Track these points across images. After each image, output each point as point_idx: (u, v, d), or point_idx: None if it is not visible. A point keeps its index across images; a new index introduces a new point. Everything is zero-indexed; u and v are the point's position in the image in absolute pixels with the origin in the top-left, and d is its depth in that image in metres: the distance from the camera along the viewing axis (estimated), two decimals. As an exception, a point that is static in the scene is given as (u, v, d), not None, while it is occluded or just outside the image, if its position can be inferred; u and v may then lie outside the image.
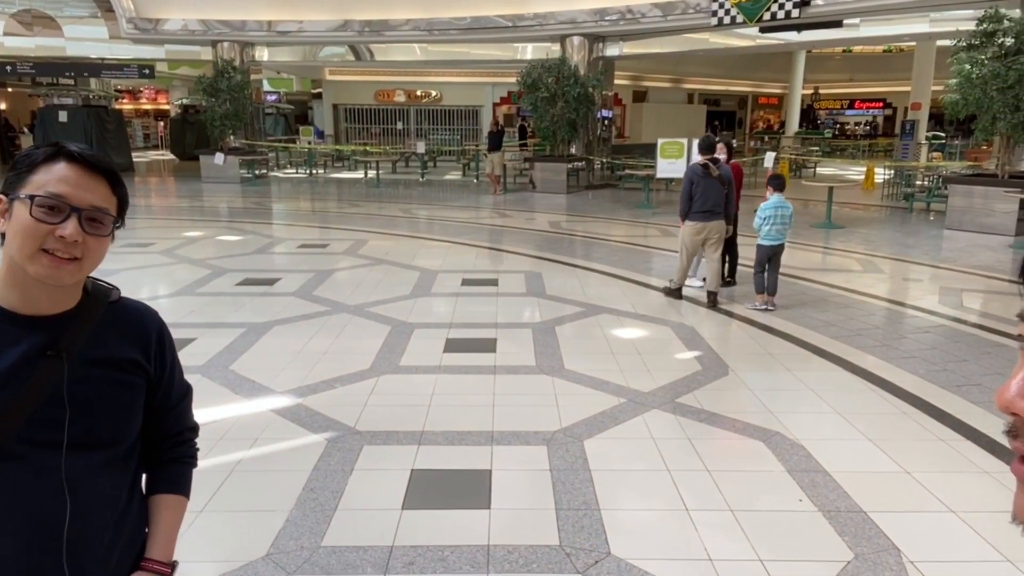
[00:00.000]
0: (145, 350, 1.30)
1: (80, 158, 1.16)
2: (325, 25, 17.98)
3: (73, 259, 1.14)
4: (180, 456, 1.42)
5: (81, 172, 1.16)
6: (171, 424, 1.40)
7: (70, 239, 1.12)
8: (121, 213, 1.23)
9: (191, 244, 9.75)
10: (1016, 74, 9.92)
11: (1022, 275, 0.59)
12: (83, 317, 1.22)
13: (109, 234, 1.19)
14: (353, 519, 3.08)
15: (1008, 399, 0.54)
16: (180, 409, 1.41)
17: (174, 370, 1.38)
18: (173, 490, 1.39)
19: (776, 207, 6.56)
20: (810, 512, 3.17)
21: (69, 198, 1.13)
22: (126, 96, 33.58)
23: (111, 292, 1.29)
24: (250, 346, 5.38)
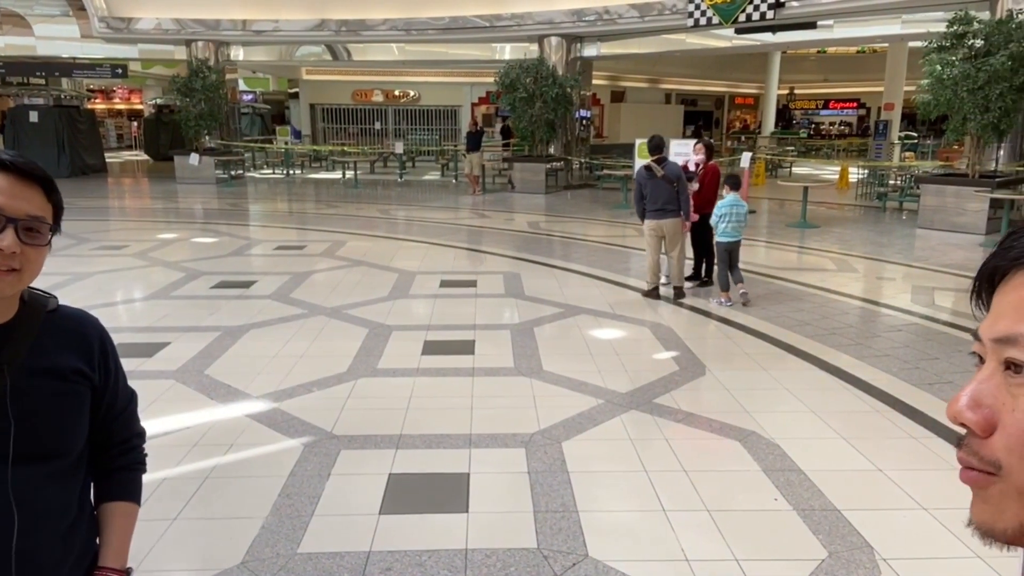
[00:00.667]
0: (88, 358, 1.28)
1: (12, 166, 1.13)
2: (301, 24, 17.84)
3: (12, 270, 1.12)
4: (129, 463, 1.40)
5: (14, 181, 1.13)
6: (118, 431, 1.37)
7: (8, 251, 1.10)
8: (57, 220, 1.20)
9: (165, 246, 9.63)
10: (985, 75, 10.09)
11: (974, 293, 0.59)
12: (22, 328, 1.19)
13: (47, 243, 1.17)
14: (330, 525, 3.06)
15: (956, 410, 0.55)
16: (126, 415, 1.39)
17: (118, 376, 1.36)
18: (124, 497, 1.37)
19: (732, 205, 6.76)
20: (785, 511, 3.20)
21: (4, 209, 1.11)
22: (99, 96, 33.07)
23: (49, 301, 1.27)
24: (225, 350, 5.33)
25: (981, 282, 0.58)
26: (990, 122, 10.38)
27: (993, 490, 0.53)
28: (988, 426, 0.53)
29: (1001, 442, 0.52)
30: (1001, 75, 10.04)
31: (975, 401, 0.54)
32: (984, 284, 0.57)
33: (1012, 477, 0.51)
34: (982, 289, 0.58)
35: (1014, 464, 0.51)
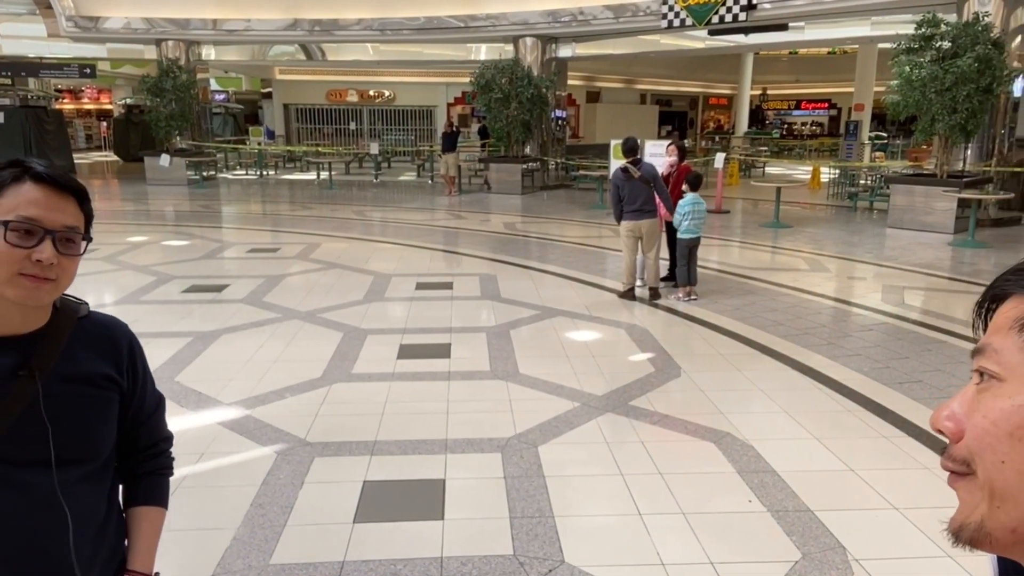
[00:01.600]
0: (117, 364, 1.31)
1: (48, 178, 1.17)
2: (274, 24, 17.66)
3: (49, 280, 1.15)
4: (156, 468, 1.42)
5: (50, 192, 1.16)
6: (145, 436, 1.40)
7: (47, 262, 1.13)
8: (88, 228, 1.24)
9: (135, 250, 9.47)
10: (953, 77, 10.27)
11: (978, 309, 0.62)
12: (54, 335, 1.23)
13: (82, 252, 1.21)
14: (303, 535, 3.02)
15: (936, 418, 0.60)
16: (154, 420, 1.41)
17: (146, 382, 1.38)
18: (151, 502, 1.40)
19: (692, 204, 6.98)
20: (759, 512, 3.22)
21: (42, 221, 1.14)
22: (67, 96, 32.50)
23: (80, 307, 1.31)
24: (196, 356, 5.25)
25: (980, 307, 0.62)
26: (957, 123, 10.57)
27: (966, 487, 0.57)
28: (958, 431, 0.57)
29: (964, 441, 0.57)
30: (968, 76, 10.23)
31: (952, 411, 0.59)
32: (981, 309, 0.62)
33: (977, 473, 0.56)
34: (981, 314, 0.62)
35: (974, 459, 0.56)
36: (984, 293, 0.62)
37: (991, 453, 0.54)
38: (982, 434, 0.55)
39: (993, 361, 0.56)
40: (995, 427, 0.54)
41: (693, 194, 7.06)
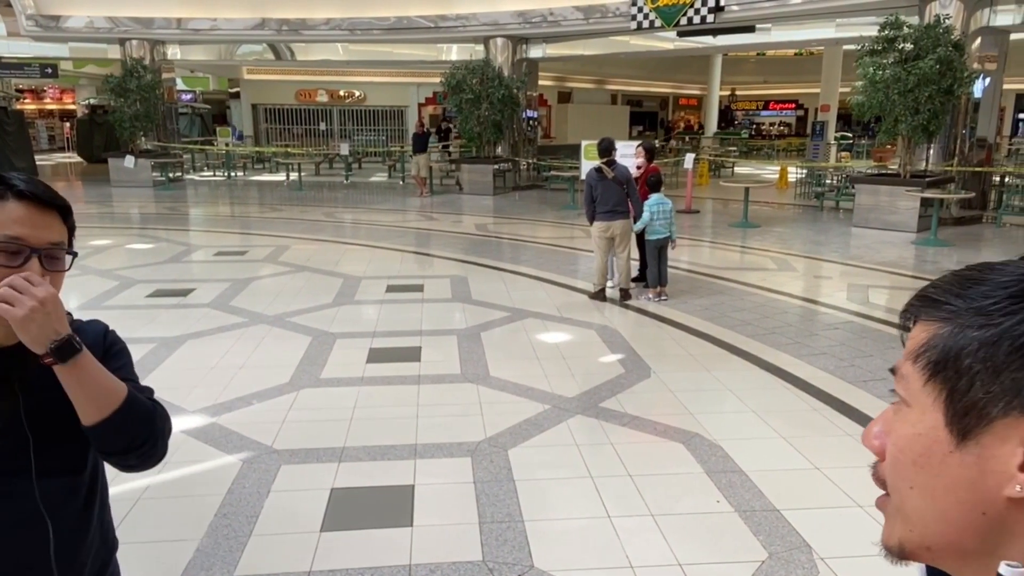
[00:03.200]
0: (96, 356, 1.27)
1: (31, 195, 1.15)
2: (241, 23, 17.41)
3: None
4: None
5: (34, 210, 1.15)
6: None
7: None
8: (71, 242, 1.23)
9: (98, 254, 9.27)
10: (915, 78, 10.46)
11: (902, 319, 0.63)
12: None
13: (67, 267, 1.21)
14: (268, 545, 2.98)
15: (865, 435, 0.62)
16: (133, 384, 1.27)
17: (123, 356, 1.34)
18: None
19: (658, 204, 7.07)
20: (727, 513, 3.25)
21: (28, 240, 1.13)
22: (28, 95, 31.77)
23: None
24: (160, 362, 5.15)
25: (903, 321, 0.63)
26: (920, 123, 10.78)
27: (888, 509, 0.59)
28: (881, 450, 0.59)
29: (884, 464, 0.59)
30: (929, 78, 10.43)
31: (879, 429, 0.60)
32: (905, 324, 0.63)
33: (893, 496, 0.58)
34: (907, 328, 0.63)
35: (890, 484, 0.58)
36: (903, 310, 0.63)
37: (900, 479, 0.56)
38: (893, 461, 0.57)
39: (902, 387, 0.58)
40: (902, 454, 0.56)
41: (657, 194, 7.14)
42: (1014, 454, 0.51)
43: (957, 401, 0.53)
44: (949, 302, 0.56)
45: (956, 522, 0.54)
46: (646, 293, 7.18)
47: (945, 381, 0.54)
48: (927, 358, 0.55)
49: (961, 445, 0.53)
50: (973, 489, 0.53)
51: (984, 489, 0.52)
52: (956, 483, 0.53)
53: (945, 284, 0.58)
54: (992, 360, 0.52)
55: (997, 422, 0.51)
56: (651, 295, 7.10)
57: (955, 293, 0.56)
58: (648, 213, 7.00)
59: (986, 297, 0.54)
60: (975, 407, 0.52)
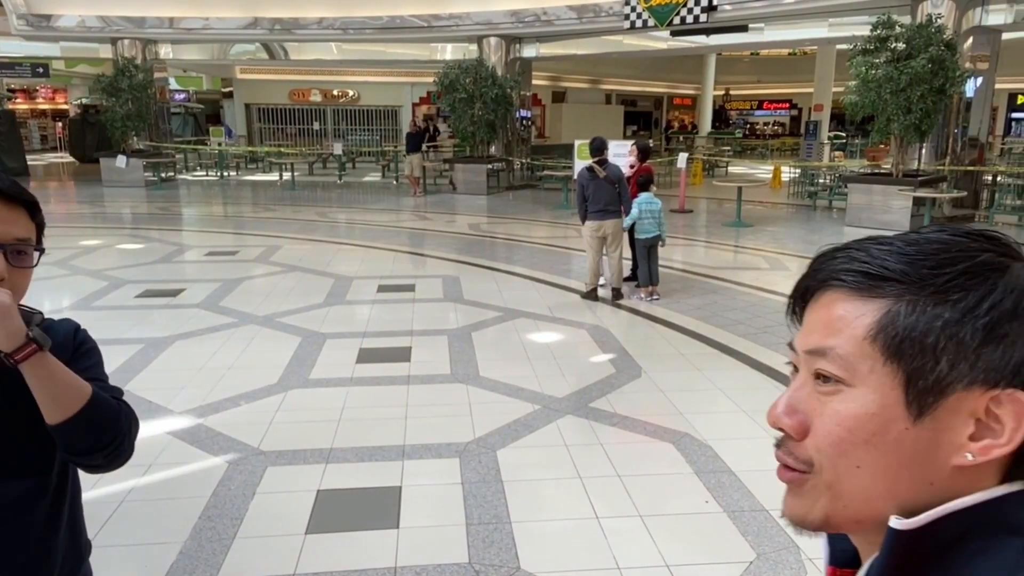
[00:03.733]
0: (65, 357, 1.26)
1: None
2: (233, 23, 17.35)
3: None
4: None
5: (0, 206, 1.14)
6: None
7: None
8: (40, 239, 1.22)
9: (88, 254, 9.21)
10: (907, 78, 10.47)
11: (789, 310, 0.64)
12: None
13: (34, 263, 1.19)
14: (252, 547, 2.94)
15: (774, 416, 0.61)
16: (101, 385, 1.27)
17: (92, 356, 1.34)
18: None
19: (647, 203, 7.06)
20: (716, 513, 3.23)
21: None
22: (20, 95, 31.61)
23: (33, 316, 1.25)
24: (148, 363, 5.11)
25: (795, 300, 0.63)
26: (912, 123, 10.79)
27: (807, 486, 0.59)
28: (802, 430, 0.59)
29: (812, 443, 0.58)
30: (921, 77, 10.44)
31: (791, 408, 0.60)
32: (798, 301, 0.63)
33: (822, 474, 0.57)
34: (796, 306, 0.63)
35: (823, 462, 0.57)
36: (797, 286, 0.62)
37: (846, 459, 0.56)
38: (838, 441, 0.56)
39: (838, 366, 0.56)
40: (851, 434, 0.56)
41: (646, 193, 7.14)
42: (966, 425, 0.53)
43: (920, 380, 0.54)
44: (890, 276, 0.55)
45: (902, 495, 0.55)
46: (638, 293, 7.16)
47: (908, 360, 0.54)
48: (887, 335, 0.55)
49: (918, 422, 0.54)
50: (926, 462, 0.54)
51: (935, 461, 0.54)
52: (911, 459, 0.54)
53: (867, 256, 0.57)
54: (958, 338, 0.53)
55: (951, 396, 0.53)
56: (643, 295, 7.09)
57: (890, 266, 0.56)
58: (636, 209, 6.98)
59: (938, 274, 0.54)
60: (937, 384, 0.53)
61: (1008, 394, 0.53)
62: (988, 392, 0.53)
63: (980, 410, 0.53)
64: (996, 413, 0.53)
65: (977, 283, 0.54)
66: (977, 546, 0.52)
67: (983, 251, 0.55)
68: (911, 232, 0.59)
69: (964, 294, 0.53)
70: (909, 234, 0.58)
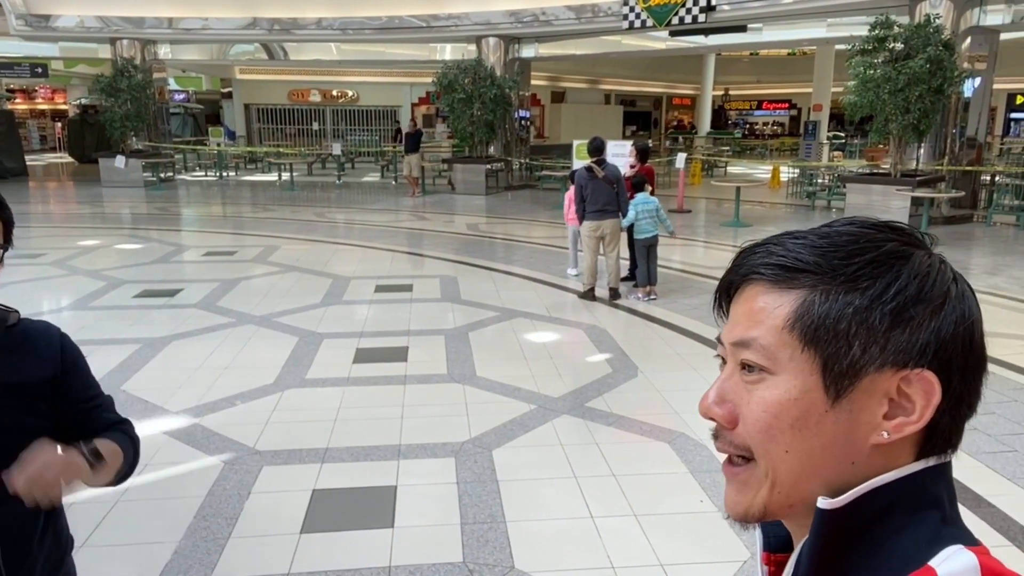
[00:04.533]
0: (48, 370, 1.29)
1: None
2: (232, 23, 17.36)
3: None
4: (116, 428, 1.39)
5: None
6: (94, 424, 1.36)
7: None
8: (8, 235, 1.21)
9: (86, 254, 9.22)
10: (905, 78, 10.48)
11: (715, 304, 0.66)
12: None
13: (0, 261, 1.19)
14: (247, 547, 2.95)
15: (705, 406, 0.62)
16: (103, 408, 1.40)
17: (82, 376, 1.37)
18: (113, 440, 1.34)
19: (643, 203, 7.09)
20: (710, 512, 3.23)
21: None
22: (19, 95, 31.61)
23: (8, 315, 1.28)
24: (145, 363, 5.11)
25: (720, 294, 0.65)
26: (910, 123, 10.79)
27: (748, 478, 0.60)
28: (732, 419, 0.60)
29: (744, 431, 0.60)
30: (920, 77, 10.44)
31: (720, 398, 0.61)
32: (723, 296, 0.65)
33: (760, 462, 0.59)
34: (722, 300, 0.65)
35: (759, 451, 0.59)
36: (722, 281, 0.64)
37: (775, 444, 0.58)
38: (766, 427, 0.58)
39: (761, 355, 0.59)
40: (777, 420, 0.58)
41: (642, 194, 7.15)
42: (880, 405, 0.56)
43: (835, 364, 0.56)
44: (804, 268, 0.58)
45: (828, 476, 0.57)
46: (635, 292, 7.17)
47: (823, 346, 0.56)
48: (803, 324, 0.57)
49: (836, 404, 0.56)
50: (846, 443, 0.56)
51: (854, 441, 0.56)
52: (833, 440, 0.56)
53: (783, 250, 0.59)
54: (868, 323, 0.56)
55: (865, 378, 0.56)
56: (640, 294, 7.09)
57: (803, 258, 0.58)
58: (633, 211, 6.99)
59: (847, 264, 0.57)
60: (852, 368, 0.56)
61: (916, 374, 0.55)
62: (898, 372, 0.56)
63: (892, 390, 0.56)
64: (907, 392, 0.56)
65: (883, 271, 0.57)
66: (899, 521, 0.55)
67: (888, 241, 0.58)
68: (823, 225, 0.61)
69: (872, 282, 0.56)
70: (821, 227, 0.61)
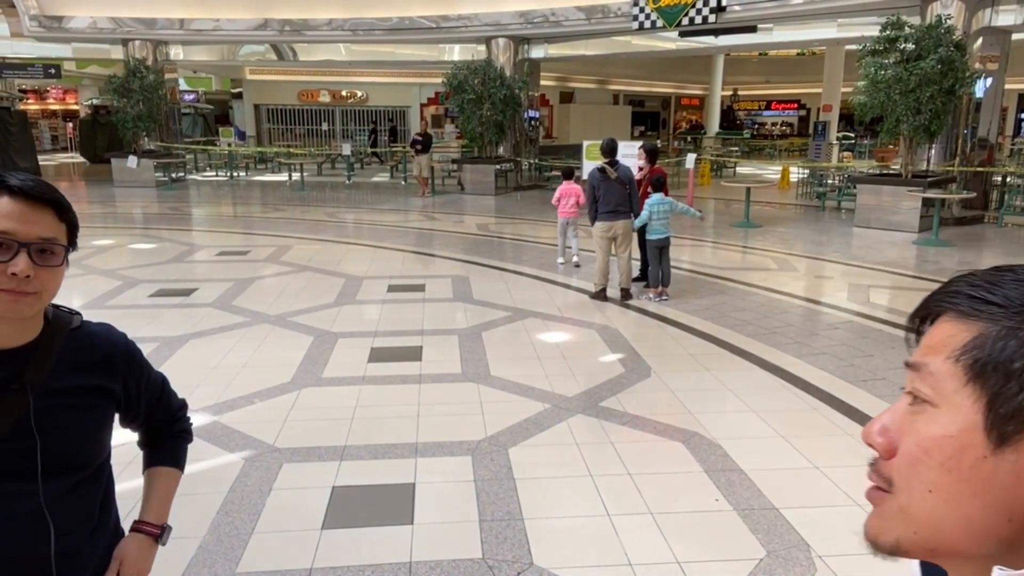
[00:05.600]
0: (111, 373, 1.33)
1: (20, 191, 1.16)
2: (243, 24, 17.46)
3: (28, 293, 1.15)
4: (177, 431, 1.52)
5: (24, 205, 1.16)
6: (163, 414, 1.49)
7: (22, 275, 1.13)
8: (72, 238, 1.24)
9: (101, 253, 9.31)
10: (916, 78, 10.46)
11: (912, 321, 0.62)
12: (46, 347, 1.24)
13: (62, 263, 1.21)
14: (270, 542, 3.00)
15: (867, 433, 0.60)
16: (165, 398, 1.49)
17: (149, 374, 1.44)
18: (168, 463, 1.50)
19: (658, 204, 7.08)
20: (726, 511, 3.26)
21: (15, 234, 1.14)
22: (31, 96, 31.85)
23: (73, 318, 1.32)
24: (163, 361, 5.17)
25: (916, 321, 0.62)
26: (921, 123, 10.77)
27: (885, 507, 0.58)
28: (891, 449, 0.57)
29: (896, 463, 0.57)
30: (931, 78, 10.43)
31: (884, 427, 0.59)
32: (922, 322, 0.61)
33: (897, 496, 0.56)
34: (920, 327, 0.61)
35: (900, 484, 0.56)
36: (918, 308, 0.61)
37: (919, 481, 0.54)
38: (914, 461, 0.55)
39: (928, 385, 0.56)
40: (927, 456, 0.54)
41: (658, 195, 7.15)
42: None
43: (1001, 405, 0.51)
44: (994, 301, 0.54)
45: (976, 528, 0.52)
46: (647, 293, 7.19)
47: (990, 384, 0.52)
48: (972, 357, 0.53)
49: (997, 451, 0.51)
50: (1004, 495, 0.51)
51: (1016, 496, 0.51)
52: (986, 489, 0.52)
53: (984, 282, 0.56)
54: None
55: None
56: (652, 295, 7.12)
57: (1000, 292, 0.54)
58: (647, 212, 7.01)
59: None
60: (1020, 413, 0.51)
61: None
62: None
63: None
64: None
65: None
66: None
67: None
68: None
69: None
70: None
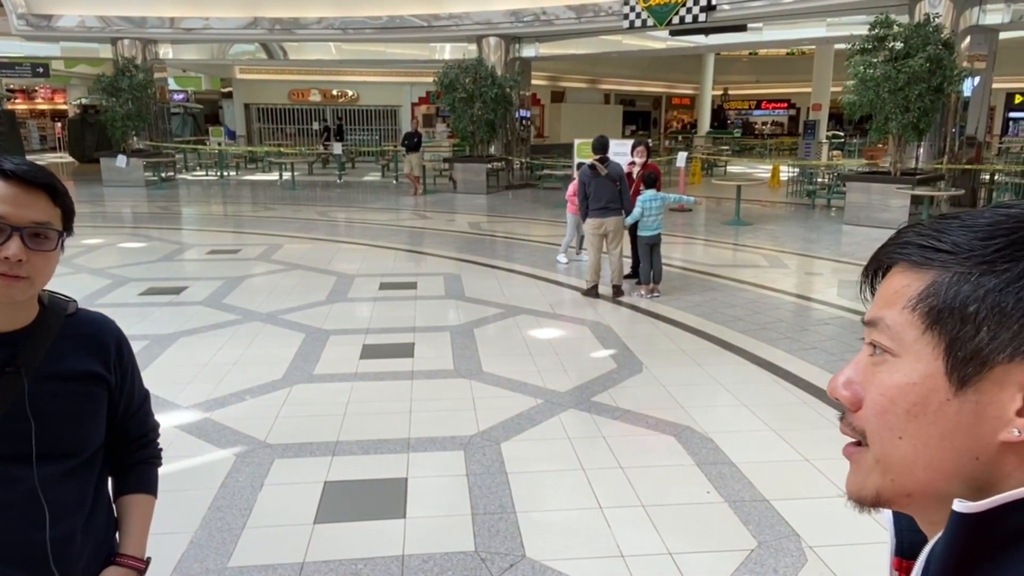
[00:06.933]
0: (105, 361, 1.32)
1: (14, 175, 1.15)
2: (233, 23, 17.39)
3: (21, 278, 1.14)
4: (146, 458, 1.46)
5: (18, 189, 1.15)
6: (135, 428, 1.43)
7: (14, 259, 1.12)
8: (67, 223, 1.23)
9: (90, 252, 9.25)
10: (905, 77, 10.53)
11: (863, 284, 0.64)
12: (41, 332, 1.24)
13: (56, 247, 1.20)
14: (262, 537, 2.99)
15: (833, 386, 0.61)
16: (142, 413, 1.45)
17: (134, 377, 1.41)
18: (142, 490, 1.43)
19: (650, 200, 7.10)
20: (717, 503, 3.28)
21: (8, 218, 1.13)
22: (19, 95, 31.62)
23: (68, 305, 1.32)
24: (153, 359, 5.15)
25: (869, 274, 0.63)
26: (910, 121, 10.85)
27: (861, 461, 0.59)
28: (856, 400, 0.59)
29: (863, 414, 0.58)
30: (919, 76, 10.50)
31: (848, 379, 0.60)
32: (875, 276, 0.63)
33: (872, 447, 0.58)
34: (873, 280, 0.63)
35: (871, 435, 0.57)
36: (870, 261, 0.62)
37: (888, 430, 0.56)
38: (881, 411, 0.56)
39: (887, 336, 0.57)
40: (893, 404, 0.55)
41: (649, 191, 7.17)
42: (1013, 399, 0.51)
43: (959, 349, 0.53)
44: (944, 248, 0.55)
45: (947, 468, 0.54)
46: (638, 290, 7.21)
47: (948, 329, 0.53)
48: (927, 305, 0.54)
49: (959, 393, 0.53)
50: (969, 435, 0.53)
51: (980, 435, 0.52)
52: (952, 430, 0.53)
53: (932, 231, 0.57)
54: (1000, 307, 0.52)
55: (996, 368, 0.52)
56: (643, 292, 7.14)
57: (948, 239, 0.55)
58: (639, 208, 7.03)
59: (987, 243, 0.53)
60: (978, 354, 0.52)
61: None
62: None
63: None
64: None
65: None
66: None
67: None
68: (986, 208, 0.57)
69: (1011, 264, 0.52)
70: (983, 209, 0.57)
